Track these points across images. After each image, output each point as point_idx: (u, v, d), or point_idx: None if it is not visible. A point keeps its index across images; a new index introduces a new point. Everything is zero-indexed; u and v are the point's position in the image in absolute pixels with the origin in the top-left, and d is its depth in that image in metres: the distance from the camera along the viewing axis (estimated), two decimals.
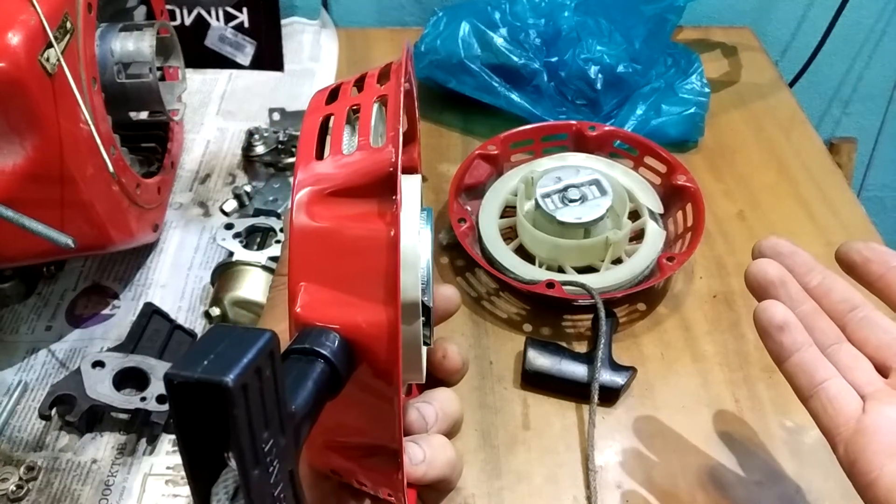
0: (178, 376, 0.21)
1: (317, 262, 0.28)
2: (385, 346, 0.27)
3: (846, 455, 0.37)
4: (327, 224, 0.28)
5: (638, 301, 0.66)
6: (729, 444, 0.56)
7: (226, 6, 0.89)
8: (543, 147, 0.76)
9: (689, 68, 0.84)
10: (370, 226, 0.27)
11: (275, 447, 0.23)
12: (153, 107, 0.66)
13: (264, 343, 0.22)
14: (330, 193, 0.28)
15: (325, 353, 0.26)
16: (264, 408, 0.22)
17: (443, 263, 0.70)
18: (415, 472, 0.33)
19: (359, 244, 0.27)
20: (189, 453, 0.22)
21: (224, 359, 0.21)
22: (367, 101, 0.31)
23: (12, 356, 0.62)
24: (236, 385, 0.20)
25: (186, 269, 0.69)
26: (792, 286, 0.41)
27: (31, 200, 0.50)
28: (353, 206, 0.28)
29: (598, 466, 0.55)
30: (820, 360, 0.39)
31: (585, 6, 0.83)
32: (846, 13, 0.98)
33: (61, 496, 0.53)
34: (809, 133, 0.86)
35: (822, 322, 0.40)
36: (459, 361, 0.39)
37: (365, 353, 0.27)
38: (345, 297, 0.27)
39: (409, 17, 1.04)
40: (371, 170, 0.28)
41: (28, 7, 0.47)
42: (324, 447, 0.32)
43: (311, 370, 0.26)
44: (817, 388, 0.38)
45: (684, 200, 0.69)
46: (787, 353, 0.39)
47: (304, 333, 0.27)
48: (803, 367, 0.39)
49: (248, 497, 0.22)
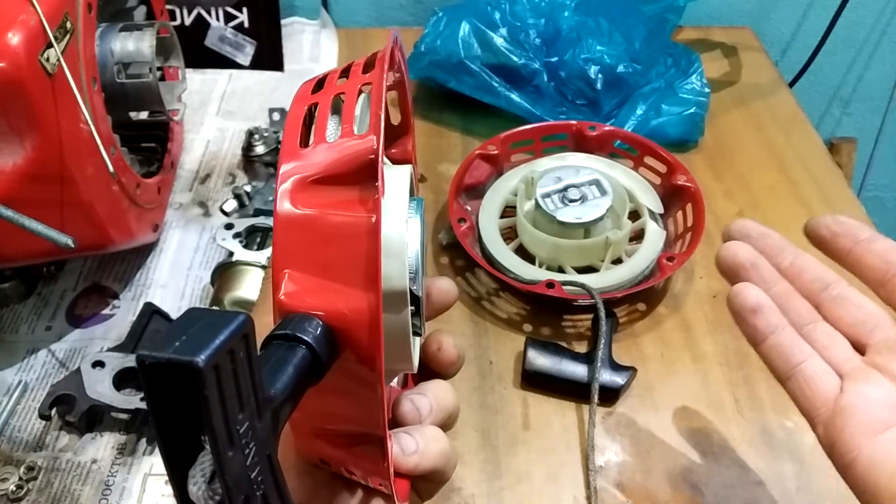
0: (149, 357, 0.20)
1: (300, 250, 0.28)
2: (367, 333, 0.27)
3: (826, 436, 0.36)
4: (310, 211, 0.28)
5: (638, 301, 0.66)
6: (728, 444, 0.56)
7: (226, 6, 0.89)
8: (543, 147, 0.76)
9: (690, 68, 0.84)
10: (352, 212, 0.28)
11: (251, 429, 0.23)
12: (153, 107, 0.66)
13: (237, 325, 0.22)
14: (314, 181, 0.28)
15: (306, 338, 0.26)
16: (238, 389, 0.22)
17: (443, 263, 0.70)
18: (407, 463, 0.33)
19: (340, 231, 0.28)
20: (164, 436, 0.22)
21: (196, 340, 0.21)
22: (351, 89, 0.31)
23: (12, 356, 0.62)
24: (207, 365, 0.20)
25: (186, 269, 0.69)
26: (764, 268, 0.40)
27: (31, 200, 0.50)
28: (336, 194, 0.28)
29: (598, 466, 0.55)
30: (796, 341, 0.39)
31: (585, 6, 0.83)
32: (846, 13, 0.98)
33: (61, 496, 0.53)
34: (809, 133, 0.86)
35: (796, 302, 0.40)
36: (455, 354, 0.39)
37: (348, 340, 0.27)
38: (328, 284, 0.27)
39: (409, 17, 1.04)
40: (353, 157, 0.28)
41: (28, 7, 0.47)
42: (312, 435, 0.32)
43: (291, 356, 0.26)
44: (794, 370, 0.38)
45: (684, 200, 0.69)
46: (762, 335, 0.39)
47: (286, 320, 0.27)
48: (779, 350, 0.39)
49: (222, 478, 0.22)
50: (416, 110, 0.87)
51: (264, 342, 0.27)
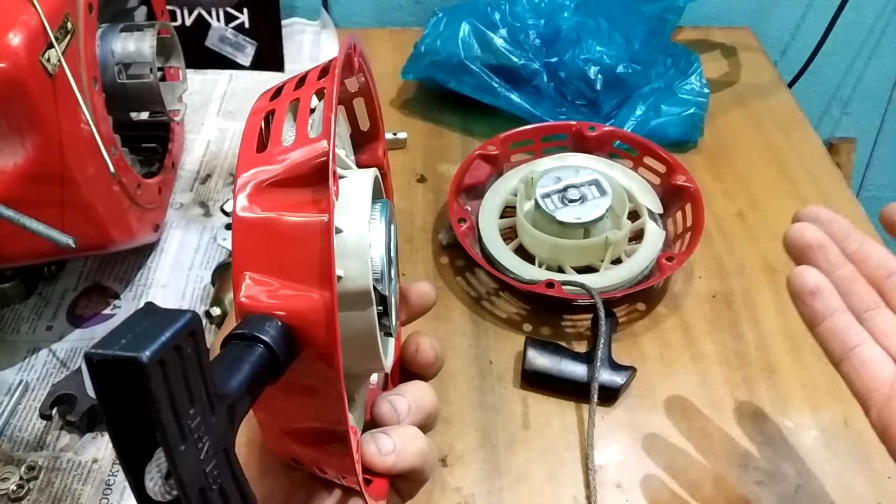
0: (96, 354, 0.21)
1: (258, 252, 0.28)
2: (323, 330, 0.28)
3: (879, 420, 0.37)
4: (266, 214, 0.29)
5: (637, 301, 0.66)
6: (728, 444, 0.57)
7: (226, 7, 0.89)
8: (543, 147, 0.76)
9: (689, 69, 0.84)
10: (305, 213, 0.28)
11: (204, 424, 0.23)
12: (154, 107, 0.66)
13: (185, 322, 0.22)
14: (270, 185, 0.29)
15: (264, 338, 0.27)
16: (188, 385, 0.22)
17: (443, 263, 0.70)
18: (384, 463, 0.34)
19: (295, 232, 0.28)
20: (118, 433, 0.23)
21: (142, 336, 0.21)
22: (306, 94, 0.32)
23: (13, 356, 0.62)
24: (152, 361, 0.21)
25: (187, 269, 0.69)
26: (831, 250, 0.40)
27: (32, 200, 0.50)
28: (291, 196, 0.29)
29: (598, 466, 0.55)
30: (853, 325, 0.39)
31: (585, 7, 0.83)
32: (845, 13, 0.99)
33: (62, 496, 0.53)
34: (809, 133, 0.86)
35: (859, 287, 0.40)
36: (433, 355, 0.39)
37: (307, 338, 0.28)
38: (285, 284, 0.28)
39: (409, 18, 1.04)
40: (307, 160, 0.29)
41: (29, 7, 0.47)
42: (280, 434, 0.32)
43: (248, 354, 0.27)
44: (850, 353, 0.38)
45: (684, 200, 0.69)
46: (820, 317, 0.39)
47: (245, 320, 0.28)
48: (836, 332, 0.39)
49: (175, 472, 0.22)
50: (417, 111, 0.87)
51: (223, 342, 0.27)
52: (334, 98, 0.29)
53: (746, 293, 0.67)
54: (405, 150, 0.82)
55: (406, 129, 0.83)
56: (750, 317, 0.65)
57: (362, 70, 0.38)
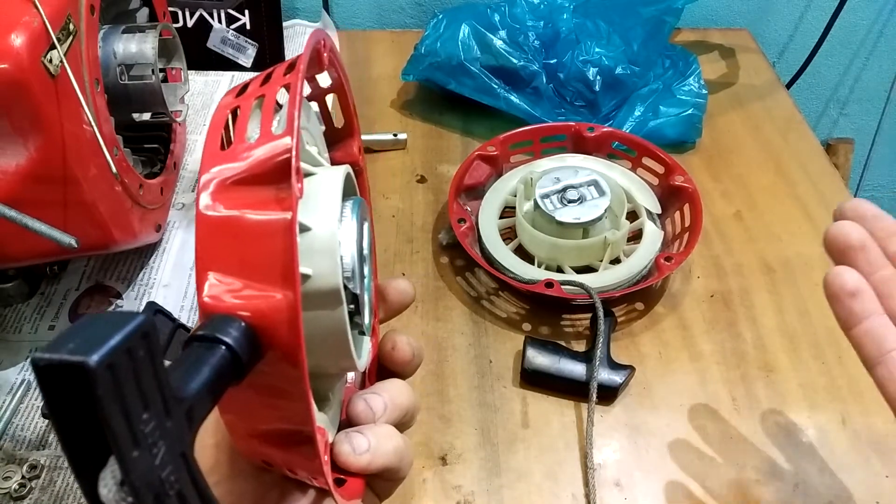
0: (42, 359, 0.20)
1: (221, 252, 0.28)
2: (287, 330, 0.27)
3: None
4: (229, 213, 0.28)
5: (636, 300, 0.67)
6: (726, 443, 0.57)
7: (228, 8, 0.89)
8: (542, 148, 0.76)
9: (687, 70, 0.84)
10: (268, 211, 0.28)
11: (158, 429, 0.22)
12: (156, 108, 0.66)
13: (136, 325, 0.21)
14: (233, 182, 0.28)
15: (225, 339, 0.26)
16: (140, 389, 0.22)
17: (443, 263, 0.70)
18: (359, 462, 0.33)
19: (257, 230, 0.28)
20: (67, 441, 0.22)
21: (91, 340, 0.21)
22: (271, 90, 0.31)
23: (16, 356, 0.62)
24: (100, 365, 0.20)
25: (189, 269, 0.69)
26: (873, 251, 0.39)
27: (35, 201, 0.50)
28: (254, 194, 0.28)
29: (597, 464, 0.55)
30: (890, 328, 0.38)
31: (584, 8, 0.83)
32: (843, 15, 0.99)
33: (64, 494, 0.54)
34: (807, 134, 0.86)
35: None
36: (409, 353, 0.39)
37: (271, 339, 0.27)
38: (248, 284, 0.27)
39: (409, 20, 1.04)
40: (270, 156, 0.28)
41: (31, 9, 0.47)
42: (249, 436, 0.32)
43: (209, 356, 0.26)
44: (885, 356, 0.38)
45: (682, 201, 0.69)
46: (857, 319, 0.38)
47: (207, 321, 0.27)
48: (872, 335, 0.38)
49: (128, 478, 0.21)
50: (417, 112, 0.88)
51: (185, 343, 0.27)
52: (298, 93, 0.29)
53: (744, 293, 0.68)
54: (405, 150, 0.83)
55: (406, 130, 0.83)
56: (748, 316, 0.66)
57: (333, 65, 0.37)
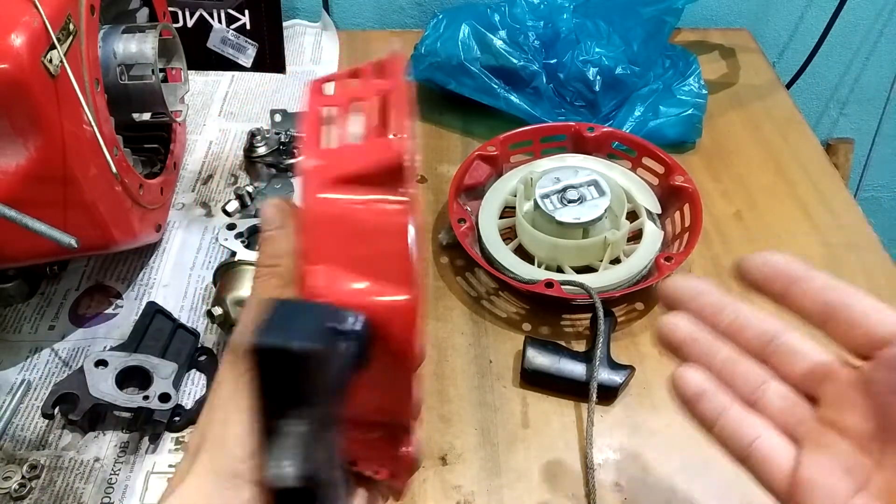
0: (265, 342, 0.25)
1: (334, 246, 0.29)
2: (407, 328, 0.28)
3: None
4: (342, 209, 0.29)
5: (636, 300, 0.67)
6: None
7: (228, 8, 0.89)
8: (542, 148, 0.76)
9: (687, 70, 0.84)
10: (386, 210, 0.29)
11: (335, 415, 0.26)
12: (156, 108, 0.66)
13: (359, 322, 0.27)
14: (342, 180, 0.29)
15: (353, 331, 0.27)
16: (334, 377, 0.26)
17: (443, 263, 0.70)
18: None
19: (377, 229, 0.29)
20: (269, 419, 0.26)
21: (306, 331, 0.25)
22: (368, 92, 0.32)
23: (16, 355, 0.62)
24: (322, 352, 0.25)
25: (189, 269, 0.69)
26: (703, 341, 0.39)
27: (35, 201, 0.50)
28: (365, 193, 0.29)
29: (597, 464, 0.55)
30: (745, 417, 0.37)
31: (584, 8, 0.83)
32: (843, 15, 0.99)
33: (64, 494, 0.54)
34: (807, 134, 0.86)
35: (743, 367, 0.38)
36: None
37: (388, 335, 0.28)
38: (374, 282, 0.28)
39: (410, 20, 1.04)
40: (382, 158, 0.29)
41: (31, 9, 0.48)
42: None
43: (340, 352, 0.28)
44: (749, 450, 0.37)
45: (682, 201, 0.69)
46: (711, 419, 0.38)
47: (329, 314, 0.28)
48: (730, 431, 0.37)
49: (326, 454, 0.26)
50: (417, 112, 0.88)
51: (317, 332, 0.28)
52: (406, 98, 0.30)
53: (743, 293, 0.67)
54: None
55: None
56: None
57: None
